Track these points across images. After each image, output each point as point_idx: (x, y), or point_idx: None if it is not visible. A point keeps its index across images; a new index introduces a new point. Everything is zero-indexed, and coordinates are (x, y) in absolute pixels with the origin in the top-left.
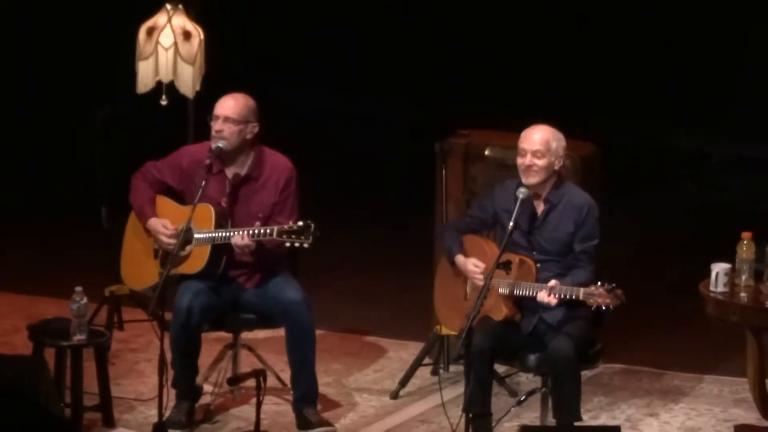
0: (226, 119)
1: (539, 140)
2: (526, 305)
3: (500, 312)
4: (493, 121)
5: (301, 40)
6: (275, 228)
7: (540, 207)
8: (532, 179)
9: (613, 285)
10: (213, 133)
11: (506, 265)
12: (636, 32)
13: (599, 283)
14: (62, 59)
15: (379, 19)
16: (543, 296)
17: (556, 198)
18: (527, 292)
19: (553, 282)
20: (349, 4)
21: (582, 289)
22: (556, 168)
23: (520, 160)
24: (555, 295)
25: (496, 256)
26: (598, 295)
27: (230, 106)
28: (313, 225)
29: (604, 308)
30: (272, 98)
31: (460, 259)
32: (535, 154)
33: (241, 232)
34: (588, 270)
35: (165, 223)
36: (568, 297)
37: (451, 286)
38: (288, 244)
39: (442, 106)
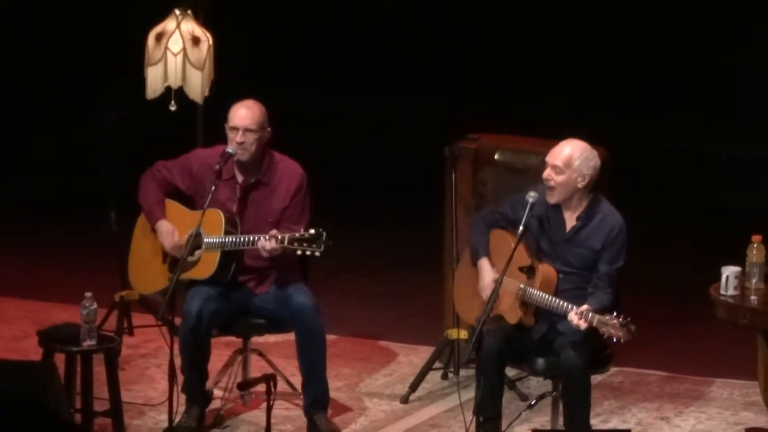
0: (246, 130)
1: (561, 156)
2: (540, 312)
3: (515, 315)
4: (497, 124)
5: (305, 43)
6: (286, 236)
7: (571, 221)
8: (552, 198)
9: (628, 319)
10: (234, 144)
11: (530, 270)
12: (639, 33)
13: (615, 314)
14: (69, 62)
15: (382, 22)
16: (574, 318)
17: (590, 216)
18: (543, 303)
19: (585, 306)
20: (353, 7)
21: (597, 317)
22: (580, 186)
23: (543, 173)
24: (585, 320)
25: (522, 255)
26: (611, 326)
27: (249, 116)
28: (324, 233)
29: (615, 340)
30: (279, 101)
31: (483, 264)
32: (554, 168)
33: (250, 238)
34: (610, 293)
35: (175, 231)
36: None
37: (474, 277)
38: (299, 252)
39: (446, 108)
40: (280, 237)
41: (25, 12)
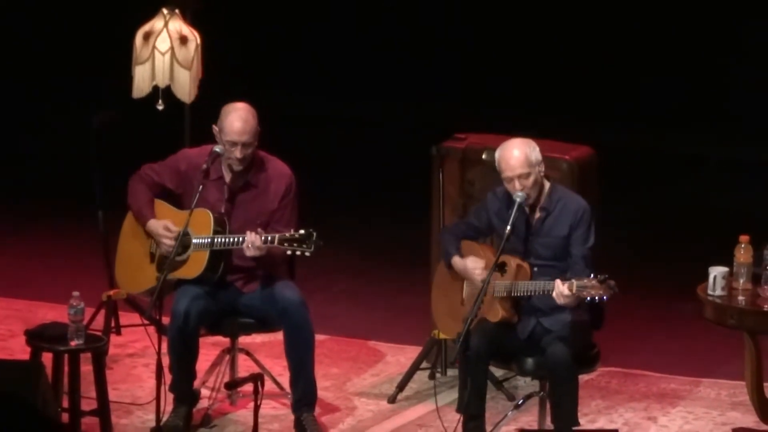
0: (245, 145)
1: (519, 162)
2: (523, 309)
3: (496, 313)
4: (489, 124)
5: (303, 43)
6: (276, 236)
7: (535, 214)
8: (530, 200)
9: (606, 276)
10: (233, 159)
11: (501, 267)
12: (633, 34)
13: (591, 275)
14: (69, 62)
15: (380, 21)
16: (560, 285)
17: (551, 205)
18: (524, 292)
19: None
20: (351, 7)
21: (575, 282)
22: (541, 177)
23: (509, 186)
24: (569, 287)
25: (493, 260)
26: (591, 287)
27: (246, 130)
28: (315, 234)
29: (597, 299)
30: (276, 101)
31: (456, 260)
32: (521, 177)
33: (238, 238)
34: (587, 274)
35: (167, 224)
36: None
37: (448, 293)
38: (289, 252)
39: (437, 108)
40: (270, 237)
41: (25, 12)
